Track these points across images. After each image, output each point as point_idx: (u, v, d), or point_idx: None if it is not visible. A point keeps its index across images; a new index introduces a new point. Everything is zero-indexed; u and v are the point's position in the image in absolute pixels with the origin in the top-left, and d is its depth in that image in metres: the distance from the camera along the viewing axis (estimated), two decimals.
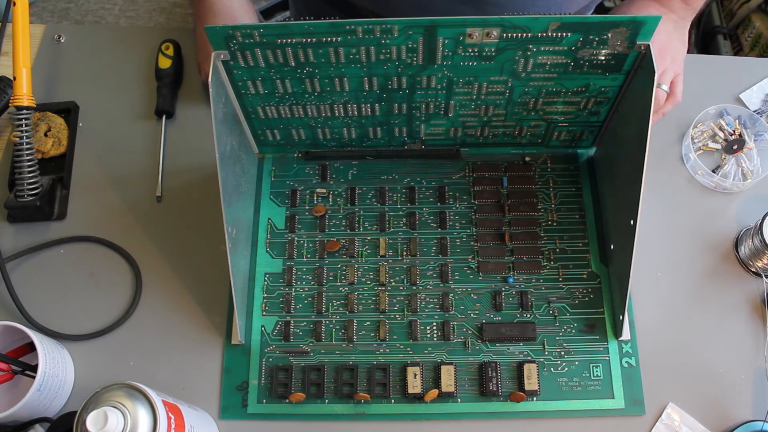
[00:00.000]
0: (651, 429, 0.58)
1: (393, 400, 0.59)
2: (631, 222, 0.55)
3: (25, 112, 0.64)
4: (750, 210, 0.66)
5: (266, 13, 1.67)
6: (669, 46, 0.66)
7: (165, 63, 0.72)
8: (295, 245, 0.65)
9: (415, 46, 0.53)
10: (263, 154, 0.68)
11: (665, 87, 0.65)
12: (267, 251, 0.65)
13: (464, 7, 0.67)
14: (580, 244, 0.64)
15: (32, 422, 0.57)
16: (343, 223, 0.65)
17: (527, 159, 0.68)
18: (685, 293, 0.63)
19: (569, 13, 0.54)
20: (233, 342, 0.61)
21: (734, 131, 0.69)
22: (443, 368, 0.59)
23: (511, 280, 0.63)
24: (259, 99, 0.60)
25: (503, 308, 0.62)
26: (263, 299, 0.63)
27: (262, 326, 0.62)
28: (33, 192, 0.65)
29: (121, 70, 0.74)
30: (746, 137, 0.69)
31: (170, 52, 0.73)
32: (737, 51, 1.43)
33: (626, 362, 0.60)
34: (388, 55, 0.54)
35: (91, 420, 0.44)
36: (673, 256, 0.64)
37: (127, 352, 0.62)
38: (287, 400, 0.59)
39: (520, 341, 0.60)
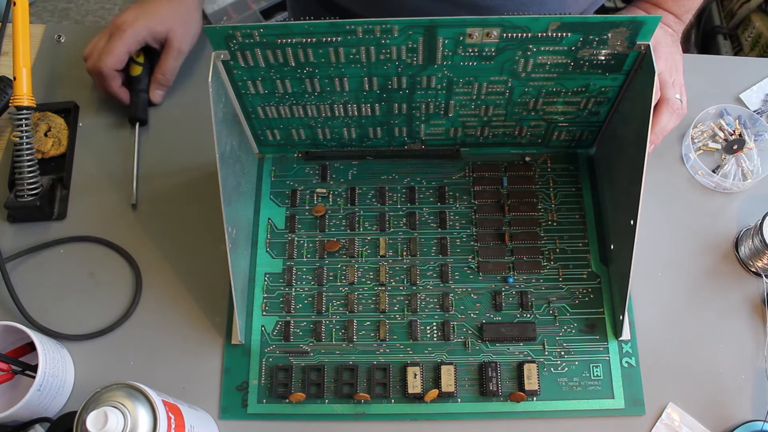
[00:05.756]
0: (651, 429, 0.58)
1: (393, 400, 0.59)
2: (631, 222, 0.55)
3: (25, 112, 0.64)
4: (750, 210, 0.66)
5: (266, 13, 1.67)
6: (672, 59, 0.66)
7: (136, 71, 0.70)
8: (295, 245, 0.65)
9: (415, 46, 0.53)
10: (263, 154, 0.68)
11: (679, 96, 0.64)
12: (267, 251, 0.65)
13: (462, 11, 0.66)
14: (580, 244, 0.64)
15: (32, 422, 0.57)
16: (343, 223, 0.65)
17: (527, 159, 0.68)
18: (685, 293, 0.63)
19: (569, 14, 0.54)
20: (233, 342, 0.61)
21: (734, 131, 0.69)
22: (443, 368, 0.59)
23: (511, 280, 0.63)
24: (259, 99, 0.60)
25: (503, 308, 0.62)
26: (263, 299, 0.63)
27: (262, 326, 0.62)
28: (33, 192, 0.65)
29: None
30: (746, 137, 0.69)
31: (141, 59, 0.70)
32: (737, 51, 1.43)
33: (626, 362, 0.60)
34: (388, 55, 0.54)
35: (91, 420, 0.44)
36: (673, 256, 0.64)
37: (127, 352, 0.62)
38: (287, 400, 0.59)
39: (520, 341, 0.60)
